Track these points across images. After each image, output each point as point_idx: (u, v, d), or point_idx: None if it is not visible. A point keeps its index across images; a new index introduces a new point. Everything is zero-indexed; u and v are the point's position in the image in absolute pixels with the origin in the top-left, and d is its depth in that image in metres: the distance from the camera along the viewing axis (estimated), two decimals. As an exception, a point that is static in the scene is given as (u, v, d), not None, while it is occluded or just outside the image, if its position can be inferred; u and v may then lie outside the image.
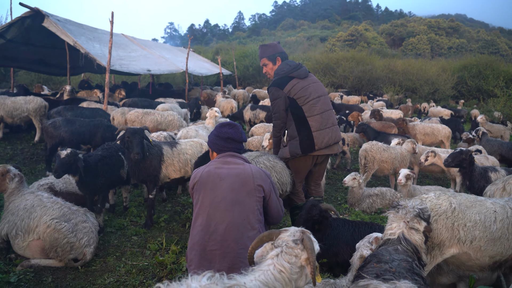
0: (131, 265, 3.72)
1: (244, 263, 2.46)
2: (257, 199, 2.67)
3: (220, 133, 2.89)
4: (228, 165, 2.76)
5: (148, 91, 14.33)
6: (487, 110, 16.77)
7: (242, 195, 2.64)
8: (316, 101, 3.79)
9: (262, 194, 2.72)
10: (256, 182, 2.69)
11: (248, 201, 2.64)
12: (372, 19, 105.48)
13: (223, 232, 2.56)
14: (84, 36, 10.43)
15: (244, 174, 2.70)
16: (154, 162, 4.63)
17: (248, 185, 2.66)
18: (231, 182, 2.66)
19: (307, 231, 2.00)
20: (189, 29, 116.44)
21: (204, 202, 2.65)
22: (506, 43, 69.42)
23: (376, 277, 2.02)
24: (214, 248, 2.55)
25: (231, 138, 2.86)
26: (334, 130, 3.87)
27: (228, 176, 2.69)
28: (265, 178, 2.76)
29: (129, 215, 5.02)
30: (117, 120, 8.07)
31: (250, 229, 2.60)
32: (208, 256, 2.57)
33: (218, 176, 2.69)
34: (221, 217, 2.58)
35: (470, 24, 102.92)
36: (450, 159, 5.17)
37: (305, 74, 3.89)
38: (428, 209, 2.61)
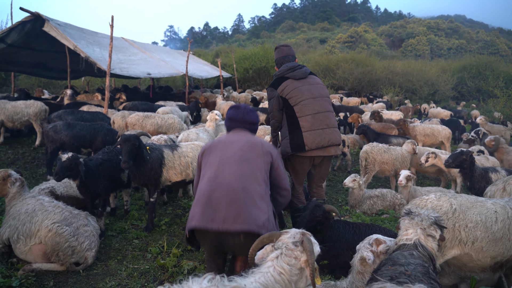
0: (133, 269, 3.73)
1: (250, 212, 2.50)
2: (265, 161, 2.75)
3: (227, 115, 3.11)
4: (238, 135, 2.93)
5: (148, 94, 14.36)
6: (487, 110, 16.78)
7: (251, 155, 2.74)
8: (309, 102, 3.80)
9: (270, 159, 2.79)
10: (265, 148, 2.80)
11: (257, 160, 2.72)
12: (371, 20, 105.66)
13: (230, 181, 2.59)
14: (85, 40, 10.46)
15: (253, 140, 2.86)
16: (155, 166, 4.63)
17: (257, 149, 2.78)
18: (241, 145, 2.80)
19: (307, 233, 2.01)
20: (189, 32, 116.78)
21: (213, 160, 2.75)
22: (506, 43, 69.48)
23: (390, 279, 2.00)
24: (220, 196, 2.55)
25: (233, 119, 3.02)
26: (329, 131, 3.83)
27: (238, 140, 2.85)
28: (273, 148, 2.89)
29: (130, 219, 5.02)
30: (117, 124, 8.08)
31: (257, 184, 2.64)
32: (213, 205, 2.55)
33: (229, 141, 2.87)
34: (229, 169, 2.65)
35: (469, 25, 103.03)
36: (450, 159, 5.18)
37: (302, 75, 3.92)
38: (442, 218, 2.62)
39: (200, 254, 4.10)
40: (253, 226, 2.47)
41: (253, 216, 2.50)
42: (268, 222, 2.57)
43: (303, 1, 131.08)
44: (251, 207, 2.52)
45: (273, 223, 2.66)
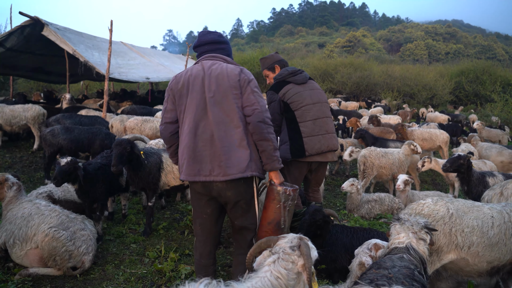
0: (130, 273, 3.71)
1: (229, 162, 2.60)
2: (235, 96, 2.66)
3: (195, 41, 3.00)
4: (205, 67, 2.76)
5: (147, 98, 14.38)
6: (485, 115, 16.85)
7: (221, 95, 2.66)
8: (310, 107, 3.79)
9: (239, 91, 2.68)
10: (231, 81, 2.67)
11: (227, 100, 2.65)
12: (369, 25, 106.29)
13: (209, 131, 2.65)
14: (83, 44, 10.48)
15: (219, 73, 2.70)
16: (153, 170, 4.63)
17: (224, 85, 2.67)
18: (208, 83, 2.69)
19: (304, 238, 2.02)
20: (188, 36, 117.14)
21: (189, 105, 2.71)
22: (503, 48, 69.94)
23: (369, 282, 2.03)
24: (203, 149, 2.65)
25: (196, 45, 2.95)
26: (328, 137, 3.83)
27: (206, 76, 2.71)
28: (239, 74, 2.71)
29: (127, 223, 5.01)
30: (116, 128, 8.08)
31: (233, 127, 2.64)
32: (198, 158, 2.67)
33: (196, 76, 2.73)
34: (206, 118, 2.66)
35: (467, 30, 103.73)
36: (448, 164, 5.19)
37: (302, 80, 3.91)
38: (431, 222, 2.69)
39: (197, 259, 4.09)
40: (237, 173, 2.60)
41: (235, 162, 2.61)
42: (251, 162, 2.65)
43: (301, 5, 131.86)
44: (232, 154, 2.61)
45: (256, 158, 2.70)
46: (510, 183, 3.99)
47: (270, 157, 2.70)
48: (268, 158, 2.70)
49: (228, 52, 2.97)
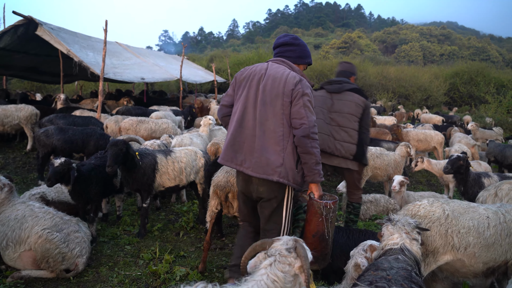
0: (124, 275, 3.68)
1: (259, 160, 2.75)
2: (284, 103, 2.76)
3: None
4: (270, 67, 2.92)
5: (142, 98, 14.30)
6: (479, 116, 16.97)
7: (271, 97, 2.79)
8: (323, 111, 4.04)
9: (290, 99, 2.77)
10: (287, 87, 2.76)
11: (276, 103, 2.77)
12: (365, 26, 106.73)
13: (251, 127, 2.82)
14: (78, 44, 10.40)
15: (278, 76, 2.82)
16: (148, 171, 4.60)
17: (279, 88, 2.78)
18: (264, 84, 2.83)
19: (299, 240, 2.00)
20: (183, 36, 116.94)
21: (241, 98, 2.90)
22: (497, 50, 70.52)
23: (369, 284, 2.01)
24: (242, 141, 2.85)
25: (274, 44, 3.13)
26: (331, 141, 3.98)
27: (265, 76, 2.86)
28: (296, 83, 2.78)
29: (122, 224, 4.97)
30: (110, 129, 8.02)
31: (273, 129, 2.77)
32: (236, 146, 2.87)
33: (258, 74, 2.89)
34: (252, 113, 2.83)
35: (461, 32, 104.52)
36: (449, 166, 5.12)
37: (335, 89, 4.13)
38: (421, 222, 2.71)
39: (192, 260, 4.06)
40: (262, 173, 2.74)
41: (264, 163, 2.74)
42: (281, 168, 2.73)
43: (297, 6, 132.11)
44: (264, 154, 2.75)
45: (288, 166, 2.75)
46: (504, 183, 4.00)
47: (311, 170, 2.78)
48: (309, 170, 2.79)
49: (298, 53, 3.02)
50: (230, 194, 3.61)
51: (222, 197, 3.66)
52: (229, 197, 3.64)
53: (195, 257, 4.19)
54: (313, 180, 2.81)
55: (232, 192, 3.60)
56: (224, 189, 3.61)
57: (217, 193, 3.68)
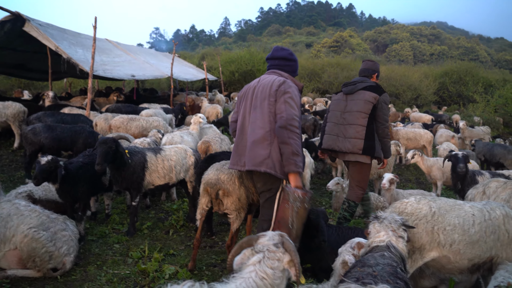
0: (112, 274, 3.65)
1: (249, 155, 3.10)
2: (270, 103, 3.09)
3: None
4: (264, 78, 3.29)
5: (132, 96, 14.18)
6: (467, 115, 17.19)
7: (260, 101, 3.14)
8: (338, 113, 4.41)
9: (274, 99, 3.08)
10: (273, 89, 3.10)
11: (263, 105, 3.11)
12: (356, 25, 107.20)
13: (247, 133, 3.19)
14: (67, 41, 10.25)
15: (267, 83, 3.18)
16: (137, 169, 4.57)
17: (266, 91, 3.12)
18: (256, 91, 3.21)
19: (284, 234, 2.01)
20: (175, 34, 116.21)
21: (242, 110, 3.33)
22: (485, 50, 71.49)
23: (356, 280, 2.03)
24: (243, 146, 3.22)
25: (267, 58, 3.46)
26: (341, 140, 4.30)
27: (258, 85, 3.24)
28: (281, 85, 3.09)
29: (111, 223, 4.93)
30: (100, 126, 7.94)
31: (261, 127, 3.08)
32: (239, 151, 3.25)
33: (252, 87, 3.31)
34: (247, 121, 3.23)
35: (450, 32, 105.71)
36: (463, 165, 5.06)
37: (349, 90, 4.40)
38: (407, 219, 2.74)
39: (182, 259, 4.05)
40: (251, 166, 3.08)
41: (252, 157, 3.08)
42: (268, 160, 3.03)
43: (289, 5, 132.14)
44: (252, 149, 3.09)
45: (275, 159, 3.02)
46: (492, 182, 4.05)
47: (288, 160, 2.96)
48: (286, 160, 2.98)
49: (293, 68, 3.41)
50: (221, 191, 3.61)
51: (212, 194, 3.66)
52: (219, 194, 3.64)
53: (185, 255, 4.17)
54: (289, 169, 2.96)
55: (223, 190, 3.60)
56: (215, 186, 3.61)
57: (208, 191, 3.67)
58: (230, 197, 3.58)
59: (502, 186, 3.91)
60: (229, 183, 3.57)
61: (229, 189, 3.57)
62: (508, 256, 2.92)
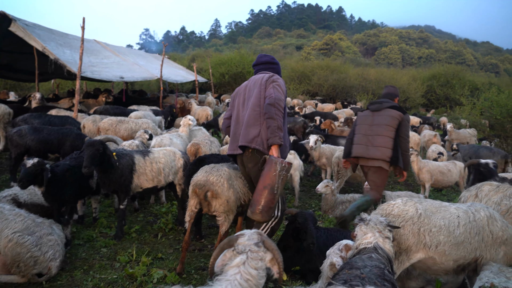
0: (99, 279, 3.60)
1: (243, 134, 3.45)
2: (261, 90, 3.48)
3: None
4: (254, 77, 3.69)
5: (121, 98, 14.05)
6: (454, 117, 17.46)
7: (252, 92, 3.54)
8: (366, 126, 4.91)
9: (264, 86, 3.48)
10: (263, 81, 3.51)
11: (254, 93, 3.52)
12: (346, 28, 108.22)
13: (242, 120, 3.55)
14: (54, 42, 10.12)
15: (259, 78, 3.57)
16: (125, 172, 4.52)
17: (258, 84, 3.53)
18: (250, 85, 3.64)
19: (261, 232, 2.03)
20: (165, 35, 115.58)
21: (236, 104, 3.73)
22: (472, 53, 72.82)
23: (344, 283, 2.04)
24: (238, 132, 3.57)
25: (253, 64, 3.88)
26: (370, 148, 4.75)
27: (250, 82, 3.68)
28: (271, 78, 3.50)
29: (98, 227, 4.87)
30: (88, 128, 7.84)
31: (252, 111, 3.45)
32: (235, 138, 3.61)
33: (244, 85, 3.74)
34: (242, 111, 3.62)
35: (438, 35, 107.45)
36: (498, 177, 5.05)
37: (375, 108, 4.94)
38: (391, 220, 2.78)
39: (170, 262, 4.02)
40: (244, 142, 3.42)
41: (245, 135, 3.45)
42: (258, 137, 3.39)
43: (279, 8, 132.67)
44: (246, 129, 3.45)
45: (264, 137, 3.38)
46: (485, 185, 4.03)
47: (273, 133, 3.27)
48: (271, 133, 3.28)
49: (277, 70, 3.81)
50: (209, 192, 3.61)
51: (201, 195, 3.65)
52: (208, 195, 3.64)
53: (173, 259, 4.14)
54: (273, 141, 3.28)
55: (211, 191, 3.60)
56: (204, 187, 3.61)
57: (196, 192, 3.67)
58: (218, 199, 3.59)
59: (495, 189, 3.87)
60: (218, 184, 3.57)
61: (218, 191, 3.57)
62: (492, 257, 2.97)
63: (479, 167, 5.11)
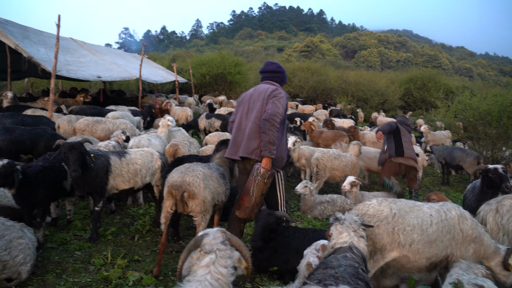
0: (73, 282, 3.51)
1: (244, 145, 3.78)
2: (263, 104, 3.77)
3: None
4: (258, 87, 3.98)
5: (98, 98, 13.76)
6: (430, 120, 17.93)
7: (256, 104, 3.83)
8: (408, 136, 6.67)
9: (266, 101, 3.76)
10: (266, 94, 3.79)
11: (257, 106, 3.80)
12: (326, 31, 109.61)
13: (244, 128, 3.85)
14: (28, 39, 9.82)
15: (262, 90, 3.86)
16: (100, 173, 4.42)
17: (261, 96, 3.82)
18: (254, 97, 3.90)
19: (226, 231, 2.04)
20: (145, 35, 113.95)
21: (240, 111, 4.00)
22: (447, 58, 75.09)
23: (318, 282, 2.06)
24: (240, 139, 3.87)
25: (260, 71, 4.17)
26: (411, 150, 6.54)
27: (254, 92, 3.94)
28: (273, 92, 3.78)
29: (72, 229, 4.74)
30: (63, 129, 7.64)
31: (254, 124, 3.74)
32: (236, 144, 3.89)
33: (249, 94, 4.01)
34: (245, 119, 3.90)
35: (416, 40, 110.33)
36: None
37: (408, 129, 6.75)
38: (364, 220, 2.83)
39: (147, 265, 3.96)
40: (244, 154, 3.76)
41: (246, 146, 3.77)
42: (257, 149, 3.72)
43: (261, 9, 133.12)
44: (247, 141, 3.77)
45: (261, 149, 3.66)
46: (506, 199, 3.81)
47: (264, 146, 3.58)
48: (263, 146, 3.60)
49: (282, 78, 4.14)
50: (186, 193, 3.60)
51: (177, 196, 3.63)
52: (184, 196, 3.61)
53: (150, 261, 4.08)
54: (264, 154, 3.59)
55: (188, 192, 3.58)
56: (180, 188, 3.59)
57: (172, 193, 3.64)
58: (195, 199, 3.58)
59: None
60: (195, 185, 3.56)
61: (195, 191, 3.56)
62: (462, 254, 3.06)
63: (488, 173, 4.68)
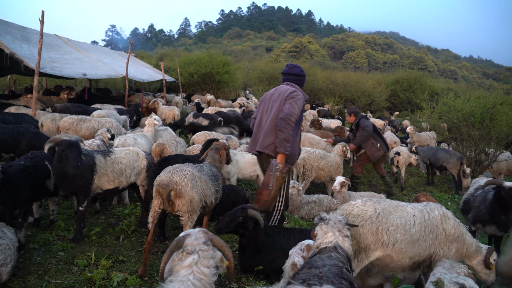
0: (55, 284, 3.44)
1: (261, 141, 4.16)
2: (280, 104, 4.07)
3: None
4: (280, 88, 4.31)
5: (83, 96, 13.53)
6: (416, 121, 18.23)
7: (275, 103, 4.14)
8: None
9: (284, 101, 4.04)
10: (284, 95, 4.09)
11: (276, 105, 4.12)
12: (315, 32, 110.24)
13: (263, 126, 4.19)
14: (10, 35, 9.60)
15: (282, 90, 4.19)
16: (85, 173, 4.34)
17: (280, 96, 4.14)
18: (274, 97, 4.23)
19: (208, 231, 2.04)
20: (132, 32, 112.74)
21: (261, 109, 4.36)
22: (433, 60, 76.39)
23: (302, 282, 2.07)
24: (259, 134, 4.23)
25: (282, 73, 4.45)
26: None
27: (275, 93, 4.28)
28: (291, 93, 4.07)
29: (56, 229, 4.65)
30: (46, 127, 7.49)
31: (271, 122, 4.08)
32: (256, 140, 4.26)
33: (270, 93, 4.37)
34: (265, 117, 4.24)
35: (402, 42, 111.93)
36: None
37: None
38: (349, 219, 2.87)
39: (132, 265, 3.91)
40: (260, 148, 4.14)
41: (261, 141, 4.14)
42: (272, 145, 4.05)
43: (250, 9, 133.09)
44: (264, 136, 4.13)
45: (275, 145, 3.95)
46: None
47: (280, 143, 3.84)
48: (278, 143, 3.87)
49: (302, 82, 4.41)
50: (173, 192, 3.60)
51: (164, 195, 3.63)
52: (171, 195, 3.61)
53: (135, 261, 4.03)
54: (279, 150, 3.86)
55: (175, 191, 3.58)
56: (167, 187, 3.59)
57: (160, 192, 3.65)
58: (182, 198, 3.58)
59: None
60: (182, 184, 3.57)
61: (182, 190, 3.56)
62: (445, 253, 3.12)
63: (501, 191, 4.28)
